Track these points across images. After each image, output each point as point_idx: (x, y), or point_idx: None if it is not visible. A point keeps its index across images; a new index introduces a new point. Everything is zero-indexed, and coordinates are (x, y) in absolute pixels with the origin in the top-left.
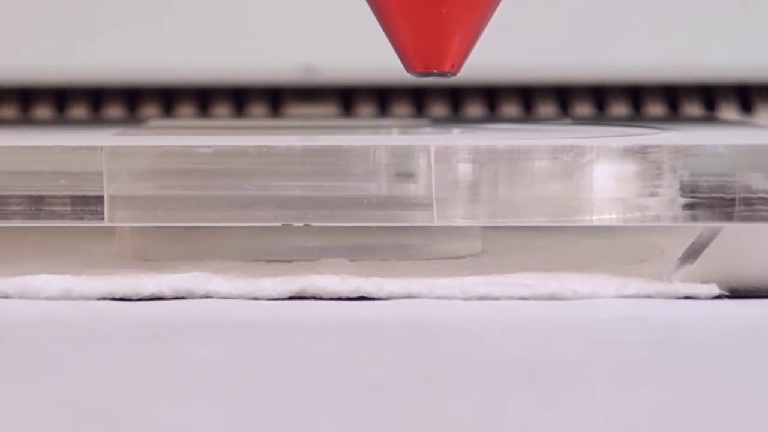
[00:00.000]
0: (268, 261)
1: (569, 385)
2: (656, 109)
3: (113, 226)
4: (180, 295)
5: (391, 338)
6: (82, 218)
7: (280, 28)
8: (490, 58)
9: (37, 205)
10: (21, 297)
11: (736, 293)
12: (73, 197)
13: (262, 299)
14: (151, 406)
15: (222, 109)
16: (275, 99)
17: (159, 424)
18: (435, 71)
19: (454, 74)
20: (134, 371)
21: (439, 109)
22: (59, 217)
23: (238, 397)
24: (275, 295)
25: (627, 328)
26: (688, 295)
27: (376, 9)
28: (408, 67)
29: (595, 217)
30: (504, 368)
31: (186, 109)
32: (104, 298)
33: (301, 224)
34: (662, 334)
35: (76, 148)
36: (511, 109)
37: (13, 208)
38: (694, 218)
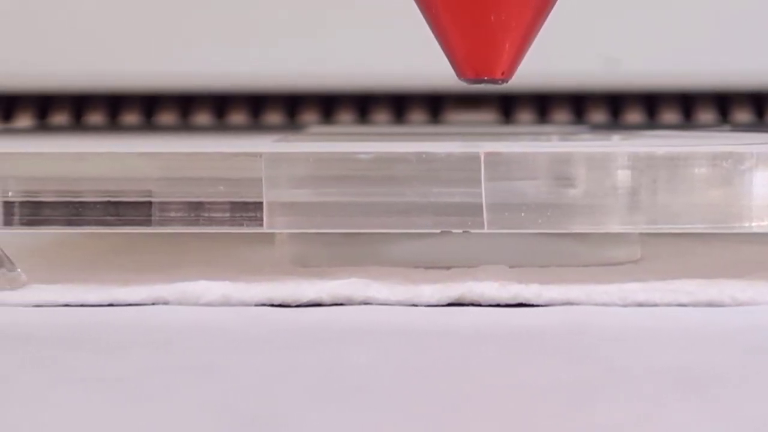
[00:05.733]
0: (427, 267)
1: (727, 392)
2: None
3: (272, 233)
4: (339, 302)
5: (550, 345)
6: (241, 224)
7: None
8: (649, 65)
9: (196, 211)
10: (180, 303)
11: None
12: (232, 203)
13: (420, 306)
14: (309, 412)
15: (382, 115)
16: (435, 105)
17: (317, 430)
18: (486, 78)
19: (506, 81)
20: (293, 377)
21: (599, 116)
22: (218, 224)
23: (395, 404)
24: (434, 302)
25: None
26: None
27: (426, 15)
28: (459, 73)
29: (754, 224)
30: (662, 375)
31: (346, 116)
32: (263, 305)
33: (461, 231)
34: None
35: (235, 155)
36: (670, 115)
37: (173, 214)
38: None
